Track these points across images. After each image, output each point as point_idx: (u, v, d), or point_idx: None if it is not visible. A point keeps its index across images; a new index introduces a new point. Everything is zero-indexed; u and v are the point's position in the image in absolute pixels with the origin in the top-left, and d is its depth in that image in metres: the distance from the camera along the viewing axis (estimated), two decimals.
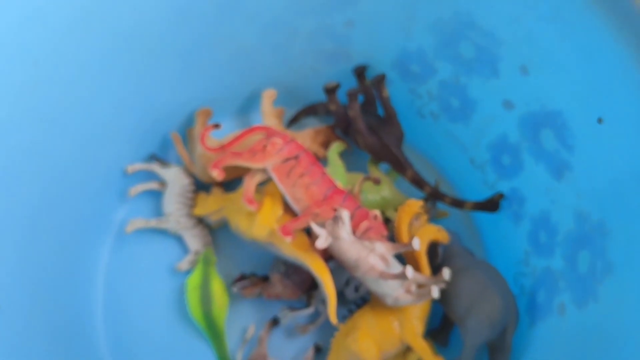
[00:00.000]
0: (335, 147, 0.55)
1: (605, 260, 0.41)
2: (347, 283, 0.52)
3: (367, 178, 0.51)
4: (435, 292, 0.44)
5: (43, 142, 0.46)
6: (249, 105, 0.59)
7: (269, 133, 0.50)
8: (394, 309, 0.48)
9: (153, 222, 0.55)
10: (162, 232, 0.56)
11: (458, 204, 0.53)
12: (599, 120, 0.41)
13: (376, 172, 0.56)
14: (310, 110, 0.59)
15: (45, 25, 0.42)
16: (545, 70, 0.45)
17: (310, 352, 0.52)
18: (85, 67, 0.47)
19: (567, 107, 0.44)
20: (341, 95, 0.56)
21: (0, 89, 0.41)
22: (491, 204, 0.52)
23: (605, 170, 0.42)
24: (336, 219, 0.45)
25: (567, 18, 0.42)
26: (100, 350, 0.52)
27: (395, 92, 0.55)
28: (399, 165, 0.54)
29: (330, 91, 0.55)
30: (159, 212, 0.57)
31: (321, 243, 0.45)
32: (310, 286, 0.53)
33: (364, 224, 0.47)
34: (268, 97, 0.57)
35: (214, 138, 0.55)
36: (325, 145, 0.58)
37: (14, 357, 0.42)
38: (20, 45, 0.41)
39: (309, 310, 0.53)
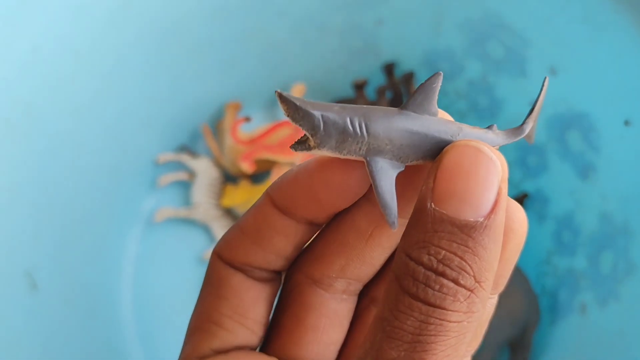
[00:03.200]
0: None
1: (627, 261, 0.41)
2: None
3: None
4: None
5: (79, 131, 0.47)
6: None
7: (298, 128, 0.51)
8: None
9: (182, 212, 0.56)
10: (190, 222, 0.57)
11: None
12: (626, 123, 0.41)
13: None
14: None
15: (87, 18, 0.44)
16: (573, 71, 0.45)
17: None
18: (121, 59, 0.48)
19: (595, 109, 0.44)
20: (369, 92, 0.57)
21: (43, 79, 0.43)
22: None
23: (630, 173, 0.42)
24: None
25: (597, 20, 0.42)
26: (129, 336, 0.53)
27: None
28: None
29: (359, 87, 0.56)
30: (187, 203, 0.58)
31: None
32: None
33: None
34: (297, 92, 0.57)
35: (244, 131, 0.56)
36: None
37: (51, 338, 0.43)
38: (63, 37, 0.43)
39: None
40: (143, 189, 0.57)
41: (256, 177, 0.57)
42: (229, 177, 0.58)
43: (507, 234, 0.20)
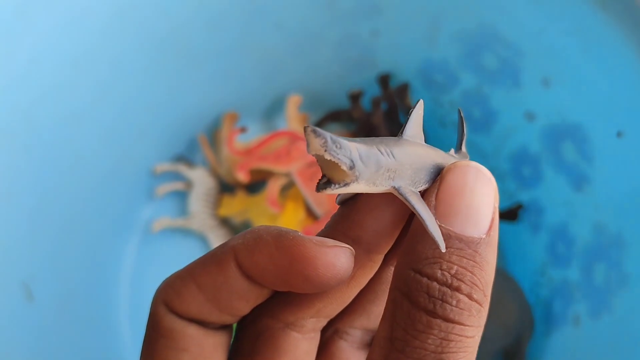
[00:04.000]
0: None
1: (620, 273, 0.41)
2: None
3: None
4: None
5: (76, 141, 0.48)
6: (274, 110, 0.61)
7: (294, 138, 0.52)
8: None
9: (179, 222, 0.57)
10: (187, 232, 0.57)
11: None
12: (619, 134, 0.42)
13: None
14: (333, 117, 0.60)
15: (84, 28, 0.44)
16: (566, 83, 0.45)
17: None
18: (119, 70, 0.48)
19: (588, 120, 0.44)
20: (365, 103, 0.57)
21: (42, 88, 0.43)
22: (510, 214, 0.53)
23: (623, 184, 0.42)
24: None
25: (589, 32, 0.42)
26: (125, 346, 0.53)
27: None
28: None
29: (354, 98, 0.56)
30: (184, 212, 0.58)
31: None
32: None
33: None
34: (293, 102, 0.58)
35: (240, 141, 0.57)
36: None
37: (47, 348, 0.43)
38: (61, 47, 0.43)
39: None
40: (140, 199, 0.58)
41: (252, 187, 0.58)
42: (226, 187, 0.58)
43: None
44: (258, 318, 0.21)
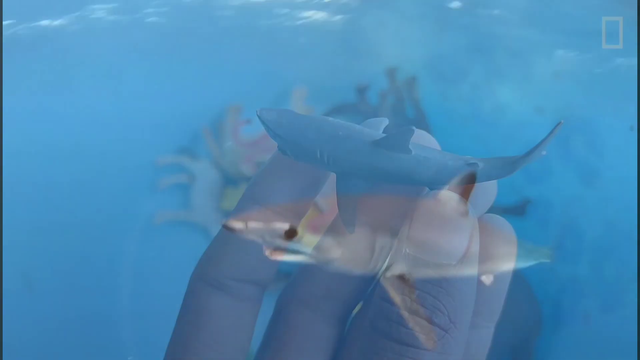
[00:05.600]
0: None
1: (631, 269, 0.40)
2: None
3: None
4: None
5: (79, 132, 0.47)
6: (279, 102, 0.60)
7: None
8: None
9: (182, 215, 0.56)
10: (190, 225, 0.57)
11: None
12: (632, 128, 0.41)
13: None
14: (339, 110, 0.59)
15: (89, 18, 0.43)
16: (577, 76, 0.45)
17: None
18: (123, 61, 0.48)
19: (598, 114, 0.44)
20: (371, 96, 0.57)
21: (45, 78, 0.42)
22: (518, 209, 0.52)
23: (634, 179, 0.42)
24: None
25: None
26: (126, 339, 0.53)
27: (426, 94, 0.55)
28: None
29: (361, 91, 0.55)
30: (186, 205, 0.57)
31: None
32: None
33: None
34: (299, 95, 0.57)
35: (245, 133, 0.56)
36: None
37: (47, 340, 0.43)
38: (65, 36, 0.43)
39: None
40: (142, 191, 0.57)
41: None
42: (229, 180, 0.58)
43: (493, 246, 0.20)
44: (282, 296, 0.22)
